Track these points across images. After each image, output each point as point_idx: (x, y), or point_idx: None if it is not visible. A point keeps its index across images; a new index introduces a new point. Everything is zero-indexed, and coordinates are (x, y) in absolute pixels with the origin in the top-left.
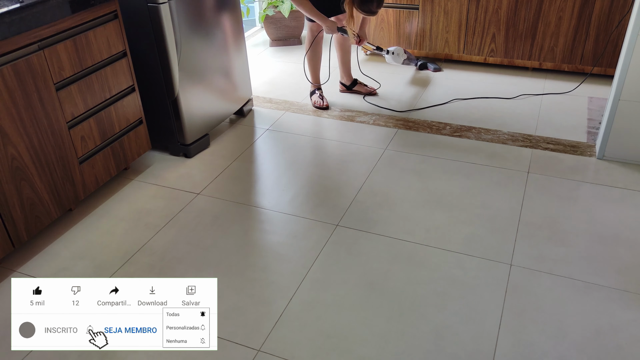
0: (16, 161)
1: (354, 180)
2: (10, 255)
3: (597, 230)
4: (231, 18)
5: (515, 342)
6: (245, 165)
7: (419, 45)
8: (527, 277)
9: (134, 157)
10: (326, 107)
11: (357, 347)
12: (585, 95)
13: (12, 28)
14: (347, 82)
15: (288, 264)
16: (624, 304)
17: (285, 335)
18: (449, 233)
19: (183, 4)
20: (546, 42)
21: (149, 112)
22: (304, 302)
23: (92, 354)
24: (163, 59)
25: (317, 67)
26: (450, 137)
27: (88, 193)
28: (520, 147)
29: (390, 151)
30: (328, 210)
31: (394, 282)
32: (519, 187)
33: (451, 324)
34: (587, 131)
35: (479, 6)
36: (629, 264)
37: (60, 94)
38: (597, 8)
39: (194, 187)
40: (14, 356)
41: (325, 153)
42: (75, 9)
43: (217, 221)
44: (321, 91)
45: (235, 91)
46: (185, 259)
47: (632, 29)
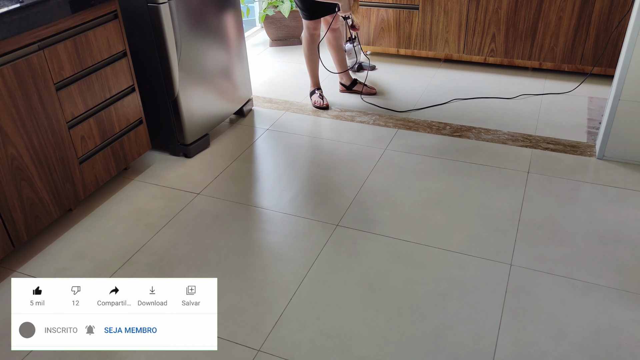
0: (16, 161)
1: (354, 180)
2: (10, 255)
3: (597, 230)
4: (231, 18)
5: (515, 342)
6: (245, 165)
7: (419, 45)
8: (527, 277)
9: (134, 157)
10: (326, 107)
11: (357, 347)
12: (585, 95)
13: (12, 28)
14: (346, 82)
15: (288, 264)
16: (624, 304)
17: (285, 335)
18: (449, 233)
19: (183, 4)
20: (546, 42)
21: (149, 112)
22: (304, 302)
23: (92, 354)
24: (163, 59)
25: (315, 67)
26: (450, 137)
27: (88, 193)
28: (520, 147)
29: (390, 151)
30: (328, 210)
31: (394, 282)
32: (519, 187)
33: (451, 324)
34: (587, 131)
35: (479, 6)
36: (629, 264)
37: (60, 94)
38: (597, 8)
39: (194, 187)
40: (14, 356)
41: (325, 153)
42: (75, 8)
43: (217, 221)
44: (321, 91)
45: (235, 91)
46: (185, 259)
47: (632, 29)
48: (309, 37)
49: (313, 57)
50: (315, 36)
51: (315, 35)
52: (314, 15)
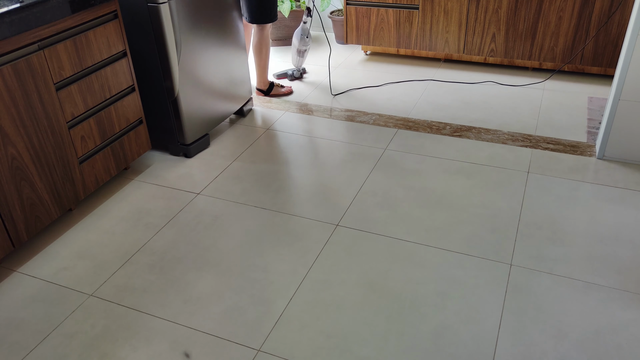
0: (16, 161)
1: (354, 180)
2: (10, 255)
3: (597, 230)
4: (231, 18)
5: (515, 342)
6: (245, 165)
7: (419, 45)
8: (527, 277)
9: (134, 157)
10: (291, 91)
11: (357, 347)
12: (585, 95)
13: (12, 28)
14: (263, 87)
15: (288, 264)
16: (624, 304)
17: (285, 335)
18: (449, 233)
19: (183, 4)
20: (546, 42)
21: (149, 112)
22: (304, 302)
23: (92, 353)
24: (163, 59)
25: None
26: (450, 137)
27: (88, 193)
28: (520, 147)
29: (390, 151)
30: (328, 210)
31: (394, 282)
32: (519, 187)
33: (451, 324)
34: (587, 131)
35: (479, 6)
36: (629, 264)
37: (60, 94)
38: (597, 8)
39: (194, 187)
40: (14, 356)
41: (325, 153)
42: (75, 8)
43: (217, 221)
44: (278, 83)
45: (235, 91)
46: (185, 259)
47: (632, 29)
48: (265, 36)
49: (268, 56)
50: (267, 34)
51: (266, 34)
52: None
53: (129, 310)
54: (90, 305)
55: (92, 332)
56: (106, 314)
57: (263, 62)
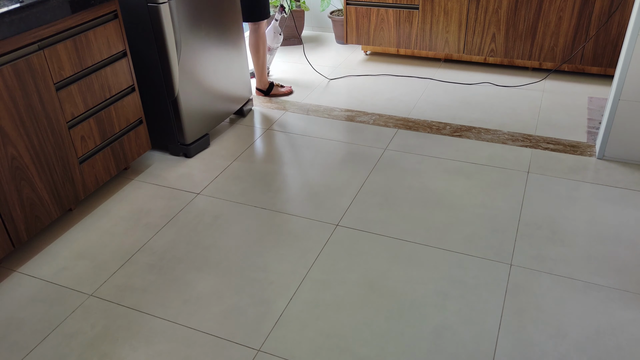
0: (16, 161)
1: (354, 180)
2: (10, 255)
3: (597, 230)
4: (231, 18)
5: (515, 342)
6: (245, 165)
7: (419, 45)
8: (527, 277)
9: (134, 157)
10: (291, 91)
11: (357, 347)
12: (585, 95)
13: (12, 28)
14: (263, 87)
15: (288, 264)
16: (624, 304)
17: (285, 335)
18: (449, 233)
19: (183, 4)
20: (546, 42)
21: (149, 112)
22: (304, 302)
23: (92, 353)
24: (163, 59)
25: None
26: (450, 137)
27: (88, 193)
28: (520, 147)
29: (390, 151)
30: (328, 210)
31: (394, 282)
32: (519, 187)
33: (451, 324)
34: (587, 131)
35: (479, 6)
36: (629, 264)
37: (60, 94)
38: (597, 8)
39: (194, 187)
40: (14, 356)
41: (325, 153)
42: (75, 8)
43: (217, 221)
44: (277, 83)
45: (235, 91)
46: (185, 259)
47: (632, 29)
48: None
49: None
50: (262, 32)
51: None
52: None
53: (129, 310)
54: (90, 305)
55: (92, 332)
56: (106, 314)
57: (261, 61)
